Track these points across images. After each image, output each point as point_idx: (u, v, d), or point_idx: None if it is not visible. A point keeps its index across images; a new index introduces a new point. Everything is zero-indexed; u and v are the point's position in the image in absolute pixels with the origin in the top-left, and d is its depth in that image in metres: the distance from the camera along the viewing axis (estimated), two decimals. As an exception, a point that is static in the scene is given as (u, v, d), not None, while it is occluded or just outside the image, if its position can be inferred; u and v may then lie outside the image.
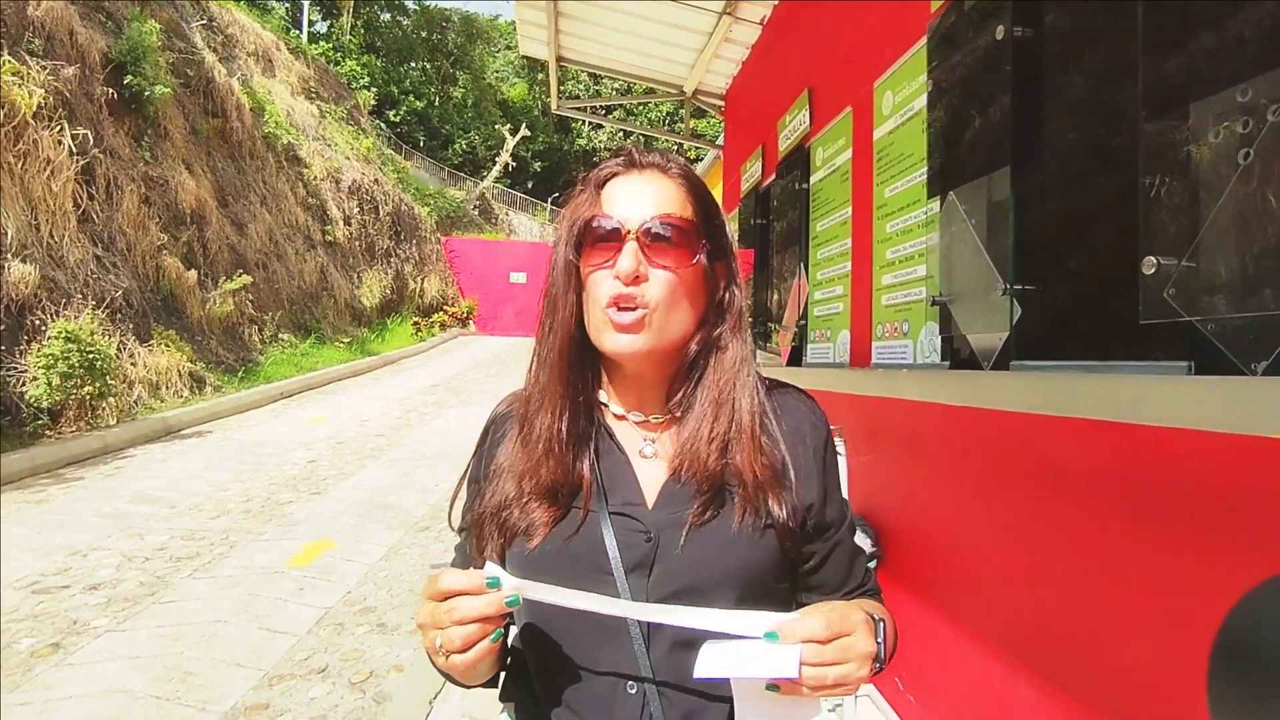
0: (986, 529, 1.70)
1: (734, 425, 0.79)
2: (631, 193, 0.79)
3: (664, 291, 0.76)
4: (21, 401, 6.22)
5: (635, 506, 0.78)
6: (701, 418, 0.79)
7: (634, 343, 0.76)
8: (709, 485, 0.77)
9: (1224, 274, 1.06)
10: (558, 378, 0.79)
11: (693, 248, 0.78)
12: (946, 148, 1.88)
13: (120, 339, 7.70)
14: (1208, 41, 1.09)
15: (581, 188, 0.82)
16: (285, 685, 2.71)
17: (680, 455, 0.79)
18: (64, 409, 6.52)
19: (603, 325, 0.77)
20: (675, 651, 0.74)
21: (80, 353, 6.48)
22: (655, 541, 0.76)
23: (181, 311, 9.47)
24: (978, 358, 1.75)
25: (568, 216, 0.80)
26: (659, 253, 0.76)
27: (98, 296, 7.60)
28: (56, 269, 7.26)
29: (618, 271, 0.75)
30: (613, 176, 0.81)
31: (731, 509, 0.77)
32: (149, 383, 7.87)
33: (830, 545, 0.85)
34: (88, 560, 3.92)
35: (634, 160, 0.82)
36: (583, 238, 0.78)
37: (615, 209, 0.78)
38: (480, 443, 0.89)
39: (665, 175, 0.81)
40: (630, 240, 0.76)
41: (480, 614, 0.64)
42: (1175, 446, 1.12)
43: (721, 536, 0.76)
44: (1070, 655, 1.38)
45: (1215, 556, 1.05)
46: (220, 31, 14.90)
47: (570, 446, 0.78)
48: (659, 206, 0.78)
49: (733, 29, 4.27)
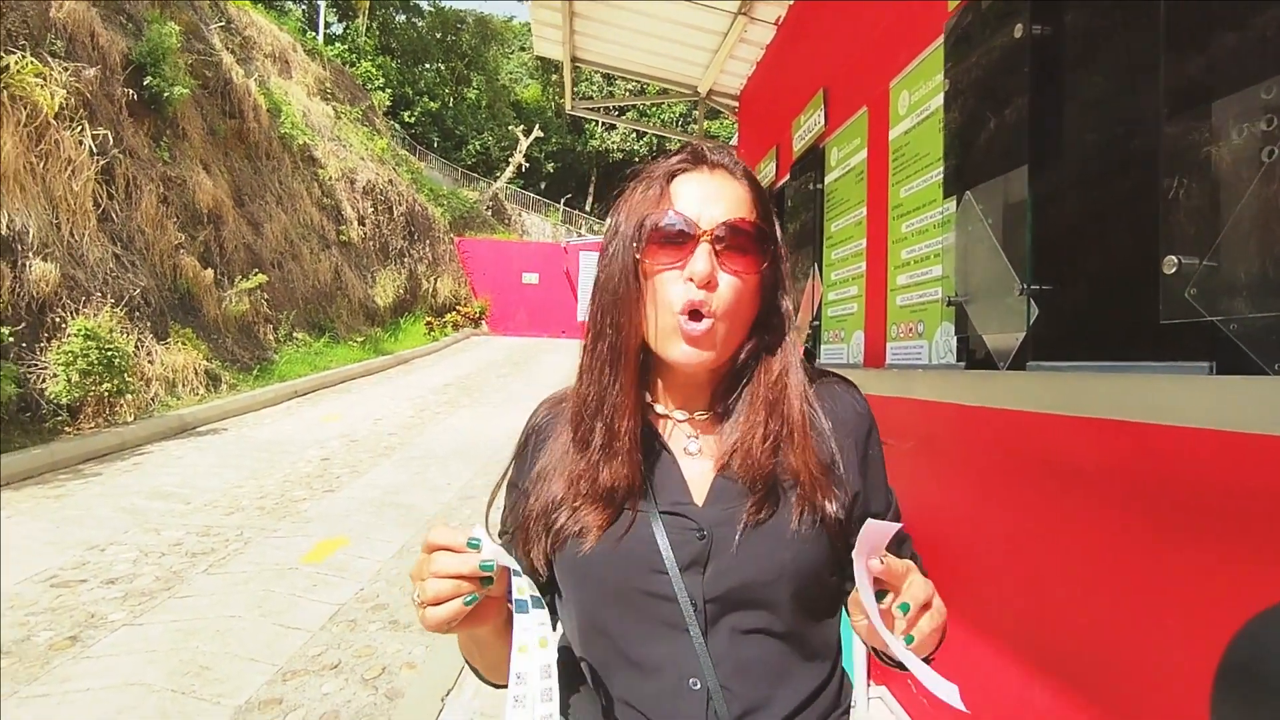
0: (1002, 529, 1.68)
1: (785, 425, 0.78)
2: (702, 192, 0.76)
3: (731, 298, 0.75)
4: (42, 398, 6.31)
5: (685, 505, 0.77)
6: (754, 418, 0.78)
7: (701, 357, 0.75)
8: (762, 483, 0.75)
9: (1246, 274, 1.04)
10: (630, 383, 0.76)
11: (761, 254, 0.76)
12: (963, 147, 1.87)
13: (138, 337, 7.79)
14: (1230, 39, 1.08)
15: (643, 182, 0.78)
16: (298, 680, 2.73)
17: (731, 454, 0.77)
18: (83, 405, 6.60)
19: (671, 333, 0.74)
20: (735, 641, 0.74)
21: (99, 350, 6.56)
22: (709, 539, 0.74)
23: (198, 310, 9.57)
24: (994, 358, 1.74)
25: (632, 211, 0.77)
26: (730, 258, 0.74)
27: (116, 295, 7.70)
28: (76, 267, 7.36)
29: (691, 273, 0.73)
30: (681, 172, 0.78)
31: (786, 506, 0.76)
32: (166, 380, 7.95)
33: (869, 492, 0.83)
34: (105, 555, 3.97)
35: (703, 157, 0.79)
36: (650, 235, 0.74)
37: (686, 207, 0.75)
38: (520, 449, 0.88)
39: (733, 176, 0.78)
40: (704, 242, 0.73)
41: (455, 571, 0.63)
42: (1196, 447, 1.10)
43: (776, 533, 0.75)
44: (1085, 657, 1.36)
45: (1236, 558, 1.04)
46: (238, 33, 15.05)
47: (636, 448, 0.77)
48: (730, 209, 0.75)
49: (747, 29, 4.26)
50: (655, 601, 0.74)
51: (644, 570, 0.74)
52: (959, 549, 1.88)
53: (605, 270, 0.77)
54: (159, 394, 7.73)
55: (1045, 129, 1.57)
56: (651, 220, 0.74)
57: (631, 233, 0.75)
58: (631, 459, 0.76)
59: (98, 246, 7.79)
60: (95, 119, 8.18)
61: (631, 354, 0.76)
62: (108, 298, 7.54)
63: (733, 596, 0.74)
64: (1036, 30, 1.59)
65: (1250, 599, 1.00)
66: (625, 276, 0.75)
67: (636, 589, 0.74)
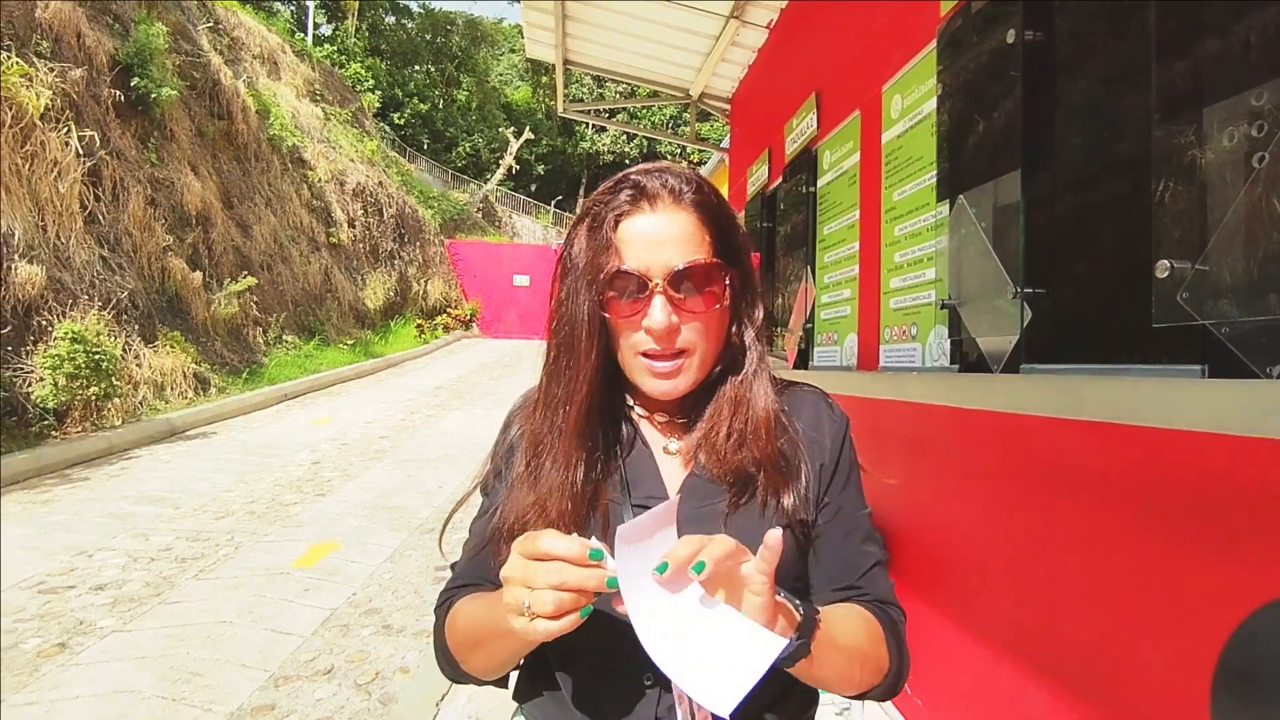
0: (995, 532, 1.69)
1: (749, 423, 0.79)
2: (649, 236, 0.74)
3: (697, 336, 0.76)
4: (28, 402, 6.24)
5: (658, 499, 0.78)
6: (718, 415, 0.80)
7: (674, 388, 0.77)
8: (731, 478, 0.77)
9: (1237, 277, 1.06)
10: (574, 434, 0.76)
11: (719, 287, 0.77)
12: (956, 151, 1.88)
13: (126, 340, 7.72)
14: (1221, 45, 1.09)
15: (591, 225, 0.77)
16: (291, 686, 2.71)
17: (697, 449, 0.80)
18: (69, 409, 6.53)
19: (640, 372, 0.77)
20: None
21: (86, 353, 6.49)
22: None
23: (186, 313, 9.49)
24: (987, 361, 1.75)
25: (582, 254, 0.76)
26: (687, 302, 0.75)
27: (104, 297, 7.63)
28: (63, 270, 7.28)
29: (650, 326, 0.74)
30: (624, 215, 0.76)
31: (754, 504, 0.78)
32: (154, 384, 7.88)
33: (822, 534, 0.82)
34: (93, 560, 3.92)
35: (643, 192, 0.76)
36: (603, 288, 0.74)
37: (635, 256, 0.74)
38: (499, 440, 0.89)
39: (679, 206, 0.76)
40: (658, 294, 0.73)
41: (580, 584, 0.60)
42: (1189, 449, 1.11)
43: (743, 533, 0.75)
44: (1079, 659, 1.37)
45: (1229, 559, 1.05)
46: (226, 34, 14.95)
47: (584, 490, 0.76)
48: (681, 251, 0.74)
49: (739, 33, 4.27)
50: None
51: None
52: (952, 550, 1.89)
53: (562, 307, 0.77)
54: (147, 398, 7.67)
55: (1038, 133, 1.59)
56: (604, 277, 0.74)
57: (585, 286, 0.75)
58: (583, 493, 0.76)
59: (84, 249, 7.72)
60: (82, 120, 8.10)
61: (581, 409, 0.75)
62: (95, 300, 7.47)
63: None
64: (1029, 35, 1.60)
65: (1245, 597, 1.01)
66: (580, 327, 0.75)
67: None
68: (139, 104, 9.50)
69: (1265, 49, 1.02)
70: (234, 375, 9.64)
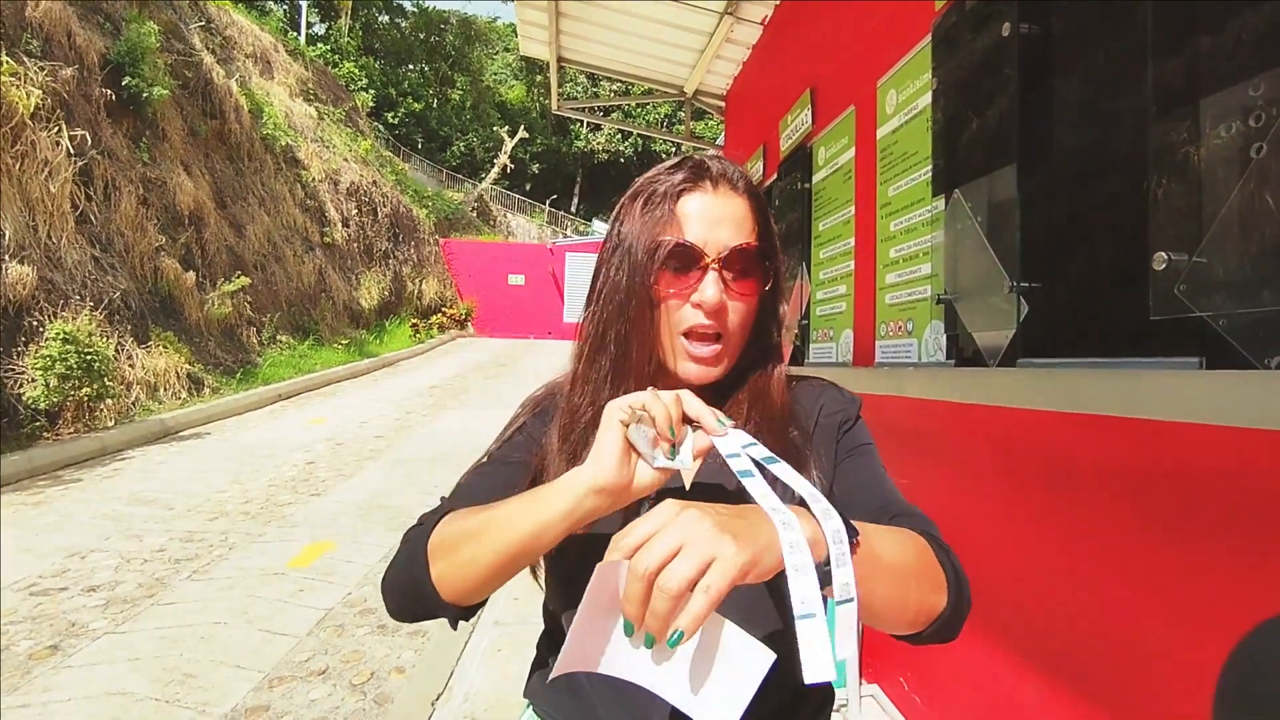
0: (993, 526, 1.69)
1: (764, 415, 0.79)
2: (709, 214, 0.76)
3: (738, 321, 0.77)
4: (19, 403, 6.20)
5: (674, 492, 0.77)
6: (738, 410, 0.80)
7: (709, 374, 0.77)
8: None
9: (1235, 269, 1.05)
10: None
11: (764, 275, 0.78)
12: (951, 146, 1.88)
13: (118, 340, 7.67)
14: (1217, 37, 1.08)
15: (647, 200, 0.77)
16: (285, 687, 2.70)
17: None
18: (61, 410, 6.49)
19: (679, 354, 0.76)
20: None
21: (78, 354, 6.45)
22: None
23: (180, 313, 9.44)
24: (983, 356, 1.75)
25: (639, 230, 0.76)
26: (735, 283, 0.75)
27: (95, 298, 7.58)
28: (54, 270, 7.24)
29: (701, 300, 0.74)
30: (686, 191, 0.77)
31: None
32: (147, 384, 7.84)
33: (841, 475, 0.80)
34: (86, 562, 3.90)
35: (706, 171, 0.78)
36: (661, 261, 0.74)
37: (694, 231, 0.75)
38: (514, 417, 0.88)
39: (736, 192, 0.78)
40: (712, 270, 0.74)
41: (698, 411, 0.62)
42: (1187, 441, 1.11)
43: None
44: (1077, 655, 1.37)
45: (1227, 551, 1.05)
46: (218, 33, 14.88)
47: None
48: (737, 232, 0.76)
49: (734, 29, 4.26)
50: None
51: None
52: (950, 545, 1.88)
53: (610, 283, 0.77)
54: (140, 398, 7.62)
55: (1033, 126, 1.58)
56: (663, 248, 0.74)
57: (642, 257, 0.75)
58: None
59: (76, 249, 7.67)
60: (73, 119, 8.05)
61: (642, 379, 0.75)
62: (86, 301, 7.42)
63: None
64: (1024, 29, 1.60)
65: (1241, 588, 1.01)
66: (638, 300, 0.75)
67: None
68: (131, 103, 9.45)
69: (1261, 40, 1.02)
70: (228, 375, 9.60)
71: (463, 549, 0.67)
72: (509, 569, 0.67)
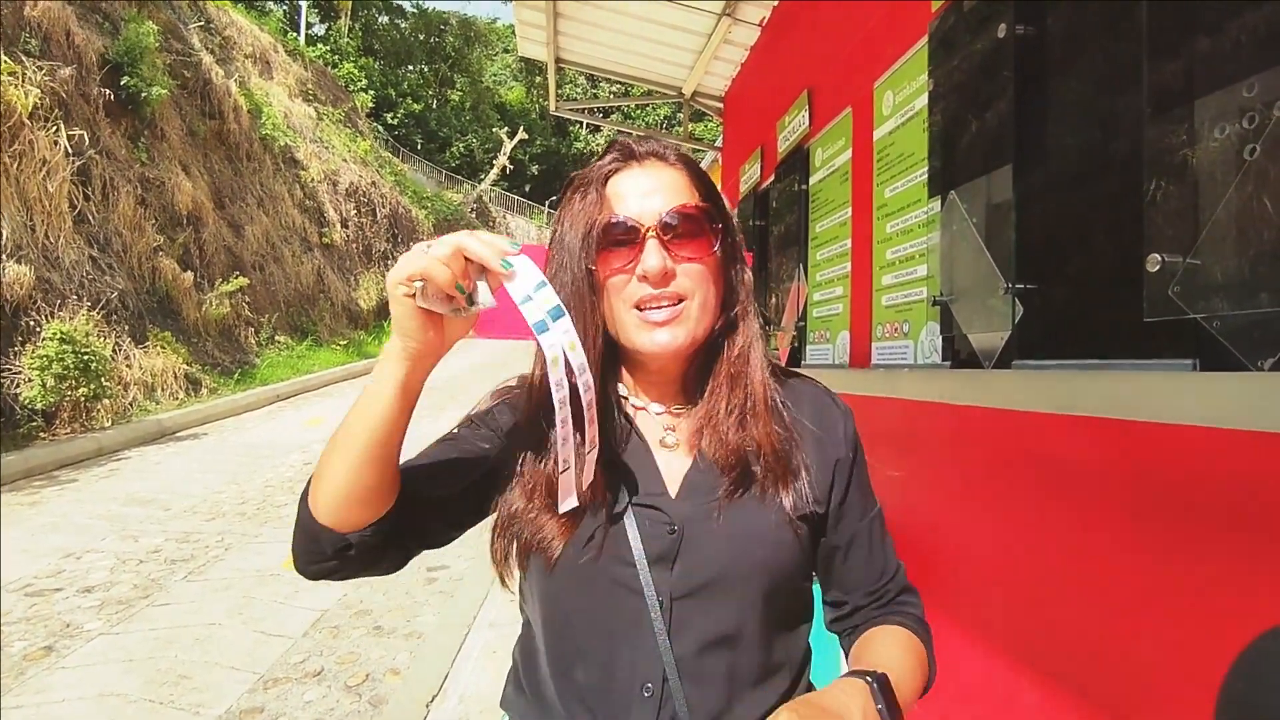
0: (988, 529, 1.68)
1: (749, 398, 0.78)
2: (638, 187, 0.75)
3: (693, 282, 0.75)
4: (16, 403, 6.19)
5: (658, 497, 0.77)
6: (718, 393, 0.78)
7: (674, 338, 0.74)
8: (735, 463, 0.75)
9: (1229, 271, 1.05)
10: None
11: (711, 235, 0.76)
12: (948, 147, 1.88)
13: (115, 340, 7.67)
14: (1212, 38, 1.08)
15: (579, 190, 0.77)
16: (280, 689, 2.69)
17: (699, 432, 0.78)
18: (58, 410, 6.48)
19: (635, 327, 0.75)
20: (699, 645, 0.73)
21: (75, 354, 6.45)
22: (679, 534, 0.74)
23: (177, 313, 9.44)
24: (979, 357, 1.74)
25: (574, 220, 0.76)
26: (681, 245, 0.74)
27: (93, 298, 7.57)
28: (52, 270, 7.23)
29: (643, 271, 0.73)
30: (614, 173, 0.77)
31: (757, 496, 0.76)
32: (144, 384, 7.83)
33: (848, 539, 0.83)
34: (81, 563, 3.89)
35: (632, 152, 0.78)
36: (598, 242, 0.73)
37: (626, 206, 0.74)
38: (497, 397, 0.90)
39: (665, 164, 0.78)
40: (650, 237, 0.73)
41: (479, 254, 0.62)
42: (1181, 443, 1.11)
43: (749, 528, 0.75)
44: (1073, 658, 1.37)
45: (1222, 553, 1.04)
46: (218, 33, 14.88)
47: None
48: (670, 198, 0.75)
49: (732, 30, 4.26)
50: (622, 594, 0.73)
51: (613, 561, 0.73)
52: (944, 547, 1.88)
53: (556, 279, 0.76)
54: (137, 398, 7.62)
55: (1029, 128, 1.58)
56: (597, 227, 0.74)
57: (579, 243, 0.74)
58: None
59: (73, 249, 7.66)
60: (71, 119, 8.05)
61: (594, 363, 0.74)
62: (84, 301, 7.42)
63: (701, 594, 0.73)
64: (1020, 30, 1.59)
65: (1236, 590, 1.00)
66: (577, 288, 0.74)
67: (605, 577, 0.73)
68: (129, 103, 9.45)
69: (1256, 41, 1.01)
70: (225, 376, 9.60)
71: (324, 467, 0.70)
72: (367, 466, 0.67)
